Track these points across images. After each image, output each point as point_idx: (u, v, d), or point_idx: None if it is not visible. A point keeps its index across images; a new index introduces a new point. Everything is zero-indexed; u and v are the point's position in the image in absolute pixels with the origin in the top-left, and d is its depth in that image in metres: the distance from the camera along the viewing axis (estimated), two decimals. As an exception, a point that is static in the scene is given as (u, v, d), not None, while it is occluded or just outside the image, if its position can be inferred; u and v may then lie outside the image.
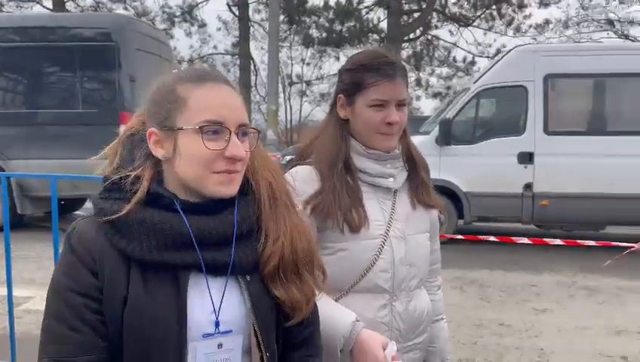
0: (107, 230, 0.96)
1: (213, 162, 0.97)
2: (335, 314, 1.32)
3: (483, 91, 7.50)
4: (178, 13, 21.40)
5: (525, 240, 6.14)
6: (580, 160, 7.06)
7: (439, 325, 1.65)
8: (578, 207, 7.18)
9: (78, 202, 8.81)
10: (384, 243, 1.43)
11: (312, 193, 1.41)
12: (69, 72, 7.76)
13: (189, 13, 21.55)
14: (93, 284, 0.95)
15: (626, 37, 19.92)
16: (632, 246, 5.15)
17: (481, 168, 7.26)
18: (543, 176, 7.19)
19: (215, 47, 23.45)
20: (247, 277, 1.02)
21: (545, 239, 6.37)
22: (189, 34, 22.28)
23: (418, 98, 23.34)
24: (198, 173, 0.98)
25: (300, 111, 26.08)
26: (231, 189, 1.00)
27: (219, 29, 23.67)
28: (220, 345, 0.99)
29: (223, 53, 23.51)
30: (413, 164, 1.52)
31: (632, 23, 19.95)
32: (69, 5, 19.07)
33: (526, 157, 7.26)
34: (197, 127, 0.96)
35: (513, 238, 6.20)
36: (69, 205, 8.39)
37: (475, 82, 7.81)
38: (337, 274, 1.40)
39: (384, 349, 1.27)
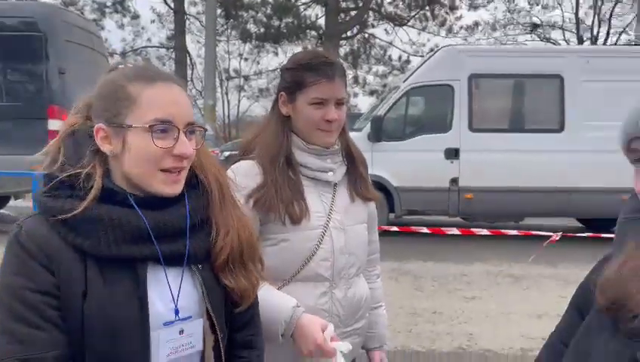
0: (60, 228, 0.97)
1: (161, 159, 1.00)
2: (276, 301, 1.39)
3: (412, 89, 7.79)
4: (109, 4, 20.66)
5: (455, 231, 6.46)
6: (501, 156, 7.48)
7: (378, 312, 1.75)
8: (500, 200, 7.61)
9: (2, 201, 8.42)
10: (324, 234, 1.50)
11: (255, 187, 1.46)
12: None
13: (120, 4, 20.82)
14: (51, 282, 0.96)
15: (548, 40, 21.22)
16: (552, 236, 5.52)
17: (410, 164, 7.54)
18: (468, 171, 7.57)
19: (149, 39, 22.78)
20: (200, 266, 1.08)
21: (473, 229, 6.73)
22: (121, 26, 21.54)
23: (355, 95, 23.74)
24: (145, 170, 1.01)
25: (238, 107, 25.82)
26: (178, 188, 1.05)
27: (153, 22, 22.91)
28: (181, 331, 1.05)
29: (157, 47, 22.89)
30: (352, 159, 1.60)
31: (553, 26, 21.27)
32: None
33: (452, 153, 7.61)
34: (147, 126, 0.99)
35: (443, 229, 6.51)
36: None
37: (404, 81, 8.08)
38: (280, 264, 1.47)
39: (323, 331, 1.34)
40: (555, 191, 7.52)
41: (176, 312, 1.04)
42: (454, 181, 7.63)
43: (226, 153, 11.19)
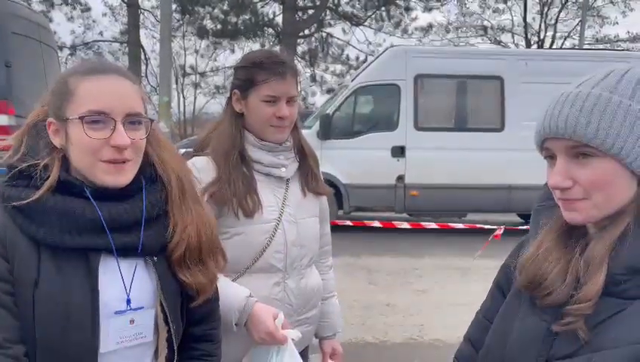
0: (16, 217, 1.00)
1: (98, 151, 1.02)
2: (230, 292, 1.43)
3: (360, 88, 7.95)
4: (58, -5, 19.95)
5: (406, 225, 6.72)
6: (445, 153, 7.72)
7: (331, 301, 1.81)
8: (444, 197, 7.86)
9: None
10: (277, 227, 1.56)
11: (209, 181, 1.51)
12: None
13: (70, -4, 20.17)
14: (6, 268, 0.99)
15: (498, 42, 21.86)
16: (496, 230, 5.76)
17: (358, 161, 7.69)
18: (414, 168, 7.79)
19: (101, 33, 22.11)
20: (155, 258, 1.10)
21: (422, 223, 6.94)
22: (70, 18, 20.81)
23: (313, 94, 23.81)
24: (87, 162, 1.03)
25: (194, 104, 25.49)
26: (123, 178, 1.05)
27: (105, 15, 22.27)
28: (132, 321, 1.07)
29: (110, 41, 22.21)
30: (304, 155, 1.65)
31: (503, 30, 21.95)
32: None
33: (398, 151, 7.81)
34: (78, 117, 1.01)
35: (394, 223, 6.69)
36: None
37: (352, 80, 8.22)
38: (234, 257, 1.49)
39: (274, 320, 1.40)
40: (496, 188, 7.82)
41: (128, 302, 1.07)
42: (400, 178, 7.84)
43: (182, 150, 11.03)
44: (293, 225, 1.60)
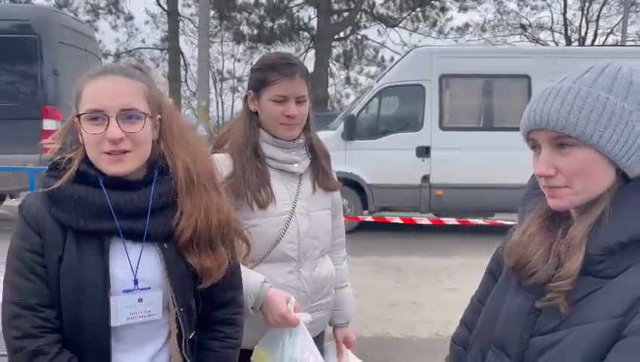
0: (47, 201, 1.17)
1: (99, 144, 1.15)
2: (246, 278, 1.51)
3: (384, 89, 8.00)
4: (103, 5, 20.85)
5: (426, 221, 6.75)
6: (471, 153, 7.66)
7: (344, 291, 1.90)
8: (470, 197, 7.80)
9: None
10: (290, 219, 1.65)
11: (226, 176, 1.60)
12: None
13: (114, 5, 21.02)
14: (40, 244, 1.16)
15: (537, 41, 21.35)
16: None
17: (383, 161, 7.73)
18: (439, 168, 7.77)
19: (143, 41, 22.89)
20: (165, 245, 1.21)
21: (442, 219, 6.97)
22: (114, 27, 21.69)
23: (347, 96, 23.89)
24: (93, 154, 1.17)
25: (232, 107, 25.98)
26: (123, 168, 1.17)
27: (147, 23, 23.06)
28: (140, 300, 1.19)
29: (151, 48, 23.00)
30: (315, 153, 1.74)
31: (541, 27, 21.44)
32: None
33: (423, 151, 7.81)
34: (81, 115, 1.16)
35: (414, 219, 6.80)
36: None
37: (377, 81, 8.29)
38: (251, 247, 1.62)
39: (287, 303, 1.51)
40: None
41: (136, 282, 1.19)
42: (425, 178, 7.84)
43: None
44: (306, 218, 1.68)
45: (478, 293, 1.24)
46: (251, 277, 1.56)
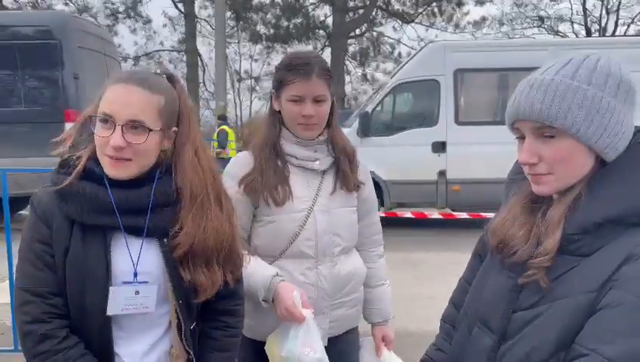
0: (55, 197, 1.23)
1: (104, 147, 1.20)
2: (259, 271, 1.59)
3: (399, 85, 7.97)
4: (121, 9, 21.21)
5: (437, 215, 6.77)
6: (487, 148, 7.54)
7: (381, 289, 1.88)
8: (487, 191, 7.72)
9: (22, 201, 8.75)
10: (308, 216, 1.66)
11: (245, 174, 1.66)
12: (10, 70, 7.60)
13: (132, 9, 21.36)
14: (49, 235, 1.22)
15: (556, 32, 21.04)
16: None
17: (398, 157, 7.70)
18: (455, 163, 7.72)
19: (161, 43, 23.30)
20: (165, 240, 1.25)
21: (454, 214, 6.96)
22: (133, 30, 22.07)
23: (365, 93, 23.86)
24: (99, 155, 1.23)
25: (250, 107, 26.21)
26: (120, 173, 1.22)
27: (164, 26, 23.57)
28: (137, 292, 1.24)
29: (169, 50, 23.39)
30: (338, 150, 1.73)
31: (560, 19, 21.11)
32: (6, 1, 18.61)
33: (439, 147, 7.77)
34: (95, 116, 1.21)
35: (425, 213, 6.78)
36: (12, 205, 8.35)
37: (392, 77, 8.29)
38: (269, 242, 1.67)
39: (294, 298, 1.52)
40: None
41: (135, 275, 1.24)
42: (442, 173, 7.80)
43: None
44: (325, 215, 1.68)
45: (465, 274, 1.30)
46: (263, 271, 1.60)
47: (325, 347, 1.58)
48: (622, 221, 0.95)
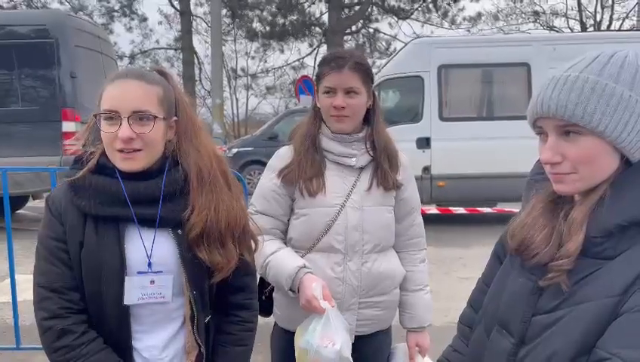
0: (69, 191, 1.27)
1: (113, 142, 1.24)
2: (287, 261, 1.63)
3: (384, 82, 8.00)
4: (117, 8, 21.24)
5: (434, 210, 6.91)
6: (471, 143, 7.65)
7: (418, 294, 1.84)
8: (472, 186, 7.80)
9: (21, 201, 8.68)
10: (340, 212, 1.68)
11: (284, 166, 1.72)
12: (7, 69, 7.58)
13: (128, 7, 21.38)
14: (63, 231, 1.26)
15: (551, 28, 21.00)
16: None
17: (383, 153, 7.78)
18: (440, 159, 7.78)
19: (157, 41, 23.27)
20: (179, 231, 1.29)
21: (451, 208, 7.03)
22: (129, 29, 22.05)
23: (361, 89, 23.78)
24: (109, 151, 1.27)
25: (247, 105, 26.23)
26: (133, 165, 1.25)
27: (160, 23, 23.62)
28: (152, 282, 1.27)
29: (165, 48, 23.36)
30: (379, 148, 1.72)
31: (556, 14, 21.09)
32: (1, 0, 18.68)
33: (424, 143, 7.82)
34: (99, 115, 1.26)
35: (423, 209, 6.80)
36: (10, 204, 8.39)
37: (377, 73, 8.33)
38: (302, 235, 1.71)
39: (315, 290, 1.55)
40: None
41: (149, 265, 1.27)
42: (427, 169, 7.84)
43: (234, 150, 11.45)
44: (357, 211, 1.69)
45: (484, 275, 1.28)
46: (292, 261, 1.63)
47: (352, 344, 1.59)
48: None
